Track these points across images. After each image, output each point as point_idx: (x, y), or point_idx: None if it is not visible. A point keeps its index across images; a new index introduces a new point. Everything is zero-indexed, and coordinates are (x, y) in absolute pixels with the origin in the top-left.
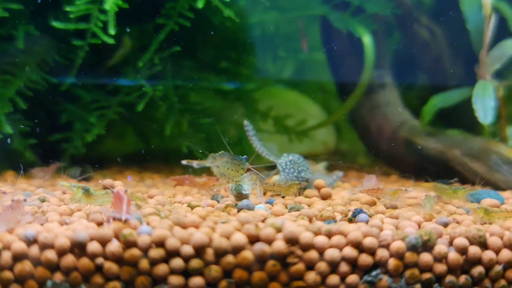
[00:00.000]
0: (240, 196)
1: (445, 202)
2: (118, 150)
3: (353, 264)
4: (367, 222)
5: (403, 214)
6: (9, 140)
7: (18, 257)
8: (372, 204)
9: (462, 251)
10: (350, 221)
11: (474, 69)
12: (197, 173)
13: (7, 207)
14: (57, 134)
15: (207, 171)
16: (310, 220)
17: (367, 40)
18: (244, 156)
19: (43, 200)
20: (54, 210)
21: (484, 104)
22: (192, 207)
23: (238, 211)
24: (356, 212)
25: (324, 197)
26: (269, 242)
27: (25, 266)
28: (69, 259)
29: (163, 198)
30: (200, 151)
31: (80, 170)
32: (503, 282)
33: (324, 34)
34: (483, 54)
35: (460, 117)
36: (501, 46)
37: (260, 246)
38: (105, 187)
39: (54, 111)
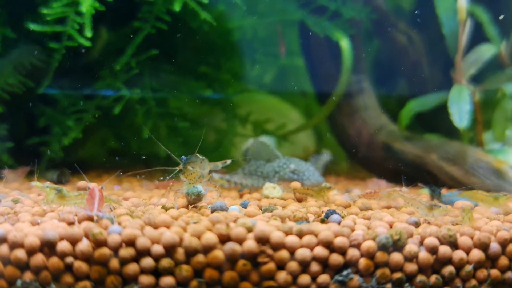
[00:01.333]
0: (197, 197)
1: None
2: (97, 155)
3: (324, 264)
4: (339, 222)
5: (375, 215)
6: None
7: None
8: (347, 206)
9: (433, 250)
10: (323, 221)
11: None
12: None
13: None
14: (35, 137)
15: None
16: (283, 221)
17: (344, 44)
18: (182, 157)
19: (16, 201)
20: (26, 211)
21: (460, 108)
22: (166, 208)
23: (212, 212)
24: (329, 213)
25: (300, 200)
26: (240, 241)
27: None
28: (38, 258)
29: (138, 200)
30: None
31: (57, 173)
32: (473, 282)
33: (303, 39)
34: (458, 59)
35: (440, 122)
36: (476, 51)
37: (230, 246)
38: (79, 189)
39: (32, 115)
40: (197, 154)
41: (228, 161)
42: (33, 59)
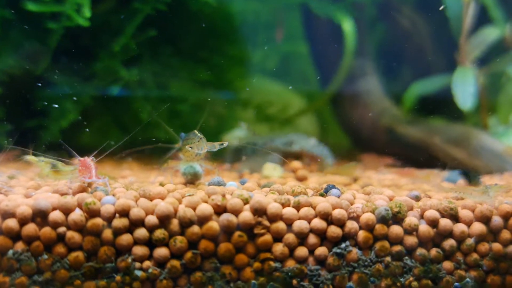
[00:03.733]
0: (194, 177)
1: None
2: (98, 141)
3: (322, 236)
4: (338, 197)
5: (375, 190)
6: None
7: None
8: (347, 184)
9: (433, 223)
10: (322, 196)
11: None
12: None
13: None
14: (34, 120)
15: None
16: (281, 195)
17: (347, 26)
18: (181, 134)
19: (12, 177)
20: (21, 186)
21: (464, 90)
22: (163, 185)
23: None
24: (328, 188)
25: (300, 179)
26: (236, 213)
27: None
28: (30, 228)
29: (135, 178)
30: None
31: (56, 155)
32: (475, 255)
33: (306, 23)
34: (462, 41)
35: (445, 106)
36: (480, 33)
37: (226, 217)
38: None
39: (31, 97)
40: (195, 131)
41: (225, 143)
42: (32, 40)
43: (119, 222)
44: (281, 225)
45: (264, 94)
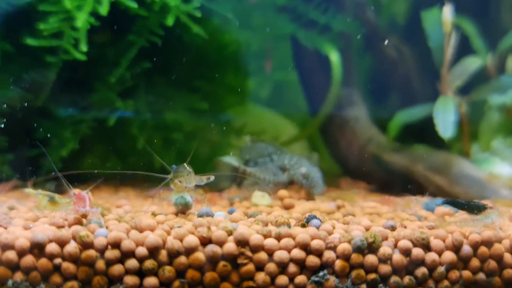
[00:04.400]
0: (185, 207)
1: None
2: (95, 167)
3: (301, 265)
4: (318, 227)
5: (354, 220)
6: None
7: None
8: (331, 213)
9: (406, 252)
10: (303, 226)
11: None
12: None
13: None
14: (34, 149)
15: None
16: (266, 226)
17: (334, 57)
18: (173, 166)
19: (11, 208)
20: (20, 217)
21: (445, 119)
22: (155, 215)
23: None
24: (310, 218)
25: (287, 207)
26: (221, 244)
27: None
28: (28, 259)
29: (130, 208)
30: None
31: (55, 184)
32: (446, 282)
33: (295, 53)
34: (444, 71)
35: (429, 134)
36: (462, 63)
37: (211, 248)
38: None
39: (31, 127)
40: (185, 164)
41: (212, 178)
42: (31, 72)
43: (111, 253)
44: (263, 255)
45: (257, 122)
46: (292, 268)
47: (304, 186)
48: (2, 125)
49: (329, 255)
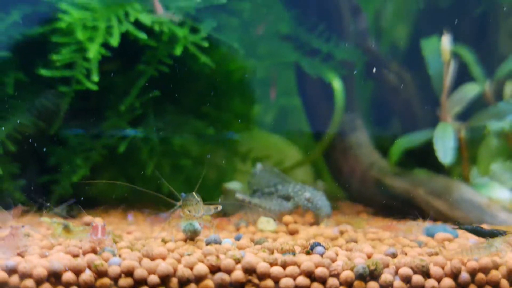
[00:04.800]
0: (193, 233)
1: None
2: (105, 191)
3: None
4: (322, 254)
5: (356, 247)
6: None
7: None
8: (334, 239)
9: (407, 279)
10: (308, 253)
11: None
12: None
13: (9, 235)
14: (46, 175)
15: None
16: (272, 253)
17: (336, 85)
18: (182, 194)
19: (27, 235)
20: (36, 245)
21: (444, 145)
22: (165, 241)
23: (207, 245)
24: (314, 245)
25: (292, 233)
26: (229, 272)
27: None
28: None
29: (140, 234)
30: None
31: (66, 209)
32: None
33: (299, 80)
34: (443, 98)
35: (430, 159)
36: (461, 90)
37: (220, 276)
38: (85, 224)
39: (43, 154)
40: (194, 193)
41: (219, 207)
42: (44, 101)
43: (124, 281)
44: (269, 282)
45: (262, 147)
46: None
47: (310, 210)
48: (15, 151)
49: (332, 282)
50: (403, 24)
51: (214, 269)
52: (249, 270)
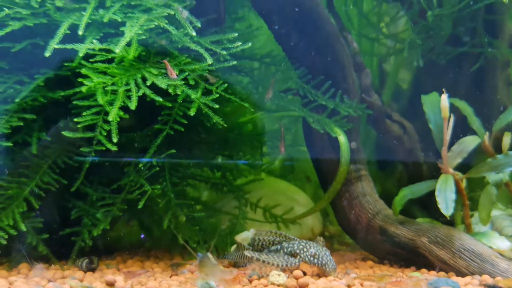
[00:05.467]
0: None
1: None
2: (123, 240)
3: None
4: None
5: None
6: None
7: None
8: None
9: None
10: None
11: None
12: None
13: None
14: (67, 228)
15: None
16: None
17: (342, 139)
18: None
19: None
20: None
21: (446, 197)
22: None
23: None
24: None
25: (302, 286)
26: None
27: None
28: None
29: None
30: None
31: (86, 261)
32: None
33: (305, 132)
34: (444, 151)
35: (433, 208)
36: (461, 142)
37: None
38: (107, 283)
39: (64, 208)
40: (209, 255)
41: (234, 271)
42: (66, 159)
43: None
44: None
45: (272, 193)
46: None
47: (316, 265)
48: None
49: None
50: (406, 76)
51: None
52: None
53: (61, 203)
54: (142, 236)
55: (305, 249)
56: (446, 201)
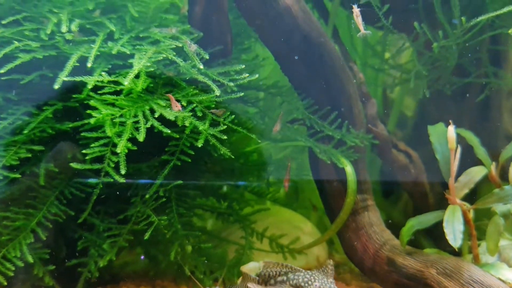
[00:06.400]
0: None
1: None
2: (129, 268)
3: None
4: None
5: None
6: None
7: None
8: None
9: None
10: None
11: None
12: None
13: None
14: (74, 259)
15: None
16: None
17: (349, 169)
18: None
19: None
20: None
21: (454, 228)
22: None
23: None
24: None
25: None
26: None
27: None
28: None
29: None
30: None
31: None
32: None
33: (311, 162)
34: (451, 182)
35: (441, 238)
36: (468, 173)
37: None
38: None
39: (71, 238)
40: None
41: None
42: (73, 190)
43: None
44: None
45: (278, 222)
46: None
47: None
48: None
49: None
50: (410, 104)
51: None
52: None
53: (67, 233)
54: (142, 257)
55: (309, 282)
56: (454, 233)
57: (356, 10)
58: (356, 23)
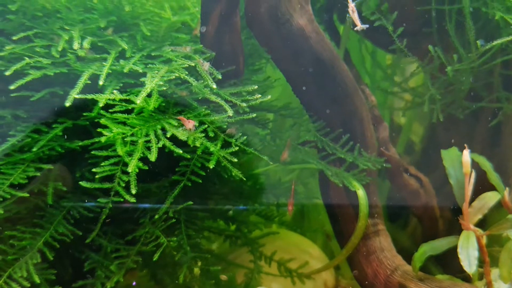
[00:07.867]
0: None
1: None
2: None
3: None
4: None
5: None
6: None
7: None
8: None
9: None
10: None
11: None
12: None
13: None
14: (80, 280)
15: None
16: None
17: (360, 193)
18: None
19: None
20: None
21: (468, 254)
22: None
23: None
24: None
25: None
26: None
27: None
28: None
29: None
30: None
31: None
32: None
33: (321, 184)
34: (465, 207)
35: (454, 264)
36: (482, 198)
37: None
38: None
39: (78, 259)
40: None
41: None
42: (81, 209)
43: None
44: None
45: (286, 246)
46: None
47: None
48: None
49: None
50: (418, 129)
51: None
52: None
53: (74, 254)
54: (133, 283)
55: None
56: (468, 259)
57: (351, 5)
58: (352, 18)
